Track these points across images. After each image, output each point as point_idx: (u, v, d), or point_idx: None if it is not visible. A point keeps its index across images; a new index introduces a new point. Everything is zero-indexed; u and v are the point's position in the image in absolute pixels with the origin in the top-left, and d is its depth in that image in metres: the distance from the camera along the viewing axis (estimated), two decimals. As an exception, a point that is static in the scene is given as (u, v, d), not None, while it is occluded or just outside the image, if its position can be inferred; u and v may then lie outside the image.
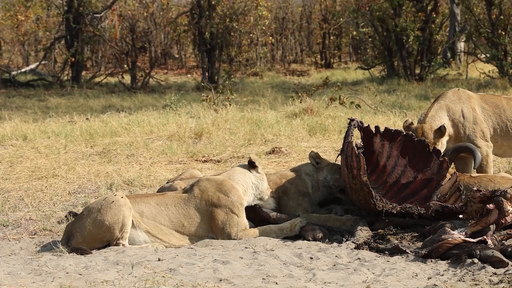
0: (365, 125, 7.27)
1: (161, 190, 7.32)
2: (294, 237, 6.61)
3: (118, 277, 5.47)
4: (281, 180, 7.18)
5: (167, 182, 7.65)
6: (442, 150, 7.55)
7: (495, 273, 5.53)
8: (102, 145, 11.04)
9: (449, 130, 7.83)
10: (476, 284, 5.33)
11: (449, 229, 6.04)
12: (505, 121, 8.05)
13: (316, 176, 7.24)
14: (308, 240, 6.49)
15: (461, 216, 6.51)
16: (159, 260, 5.92)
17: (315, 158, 7.29)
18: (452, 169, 7.41)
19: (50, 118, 13.97)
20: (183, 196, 6.65)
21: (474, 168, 7.75)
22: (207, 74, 22.66)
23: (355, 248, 6.26)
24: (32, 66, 24.68)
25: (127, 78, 23.09)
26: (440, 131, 7.54)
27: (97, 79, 23.35)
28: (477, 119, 7.92)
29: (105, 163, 9.94)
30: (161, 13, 26.23)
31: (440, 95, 8.11)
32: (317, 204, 7.26)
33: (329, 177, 7.22)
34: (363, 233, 6.49)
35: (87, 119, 13.62)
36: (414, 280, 5.46)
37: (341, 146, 6.96)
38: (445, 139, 7.69)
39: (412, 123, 7.70)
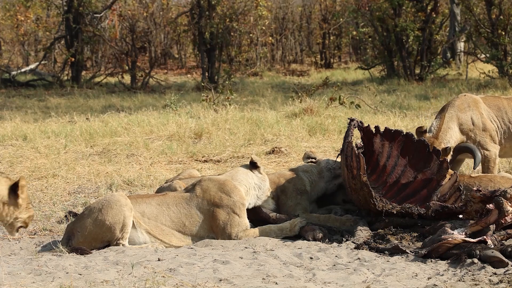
0: (365, 125, 7.27)
1: (160, 190, 7.32)
2: (294, 237, 6.61)
3: (118, 277, 5.47)
4: (279, 179, 7.19)
5: (165, 182, 7.65)
6: None
7: (495, 273, 5.53)
8: (102, 145, 11.04)
9: (458, 140, 7.87)
10: (476, 284, 5.33)
11: (449, 229, 6.04)
12: (507, 123, 8.10)
13: (316, 169, 7.27)
14: (308, 240, 6.50)
15: (461, 216, 6.52)
16: (159, 260, 5.92)
17: (309, 157, 7.37)
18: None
19: (50, 118, 13.97)
20: (185, 196, 6.65)
21: (474, 169, 7.77)
22: (207, 74, 22.66)
23: (355, 248, 6.26)
24: (32, 66, 24.68)
25: (127, 78, 23.09)
26: (445, 151, 7.55)
27: (97, 79, 23.36)
28: (486, 125, 7.97)
29: (105, 163, 9.94)
30: (161, 13, 26.24)
31: (449, 103, 8.13)
32: (316, 203, 7.26)
33: (330, 161, 7.34)
34: (363, 233, 6.49)
35: (87, 119, 13.62)
36: (414, 280, 5.46)
37: (341, 146, 6.96)
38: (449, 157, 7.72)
39: (425, 131, 7.71)
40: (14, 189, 4.95)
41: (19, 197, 5.00)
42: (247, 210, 6.75)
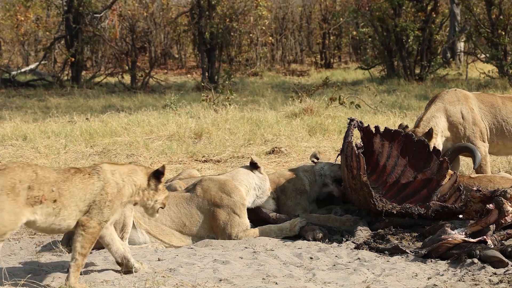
0: (365, 125, 7.27)
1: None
2: (294, 237, 6.61)
3: (118, 277, 5.48)
4: (279, 179, 7.20)
5: (165, 182, 7.63)
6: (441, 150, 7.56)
7: (495, 273, 5.53)
8: (102, 145, 11.04)
9: (446, 132, 7.85)
10: (476, 284, 5.33)
11: (449, 229, 6.04)
12: (500, 121, 8.08)
13: (314, 169, 7.27)
14: (308, 240, 6.50)
15: (461, 216, 6.52)
16: (159, 260, 5.92)
17: (315, 155, 7.37)
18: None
19: (50, 118, 13.97)
20: (185, 196, 6.66)
21: (474, 169, 7.77)
22: (207, 74, 22.67)
23: (355, 248, 6.26)
24: (32, 66, 24.68)
25: (127, 78, 23.10)
26: (428, 134, 7.55)
27: (97, 79, 23.36)
28: (476, 120, 7.94)
29: (105, 163, 9.93)
30: (161, 13, 26.25)
31: (437, 96, 8.11)
32: (315, 203, 7.26)
33: (326, 167, 7.31)
34: (363, 233, 6.49)
35: (87, 119, 13.62)
36: (414, 280, 5.46)
37: (341, 146, 6.96)
38: (438, 141, 7.69)
39: (407, 126, 7.70)
40: (157, 175, 5.64)
41: (161, 183, 5.66)
42: (247, 210, 6.76)
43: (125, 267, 5.55)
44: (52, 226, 5.13)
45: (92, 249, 6.29)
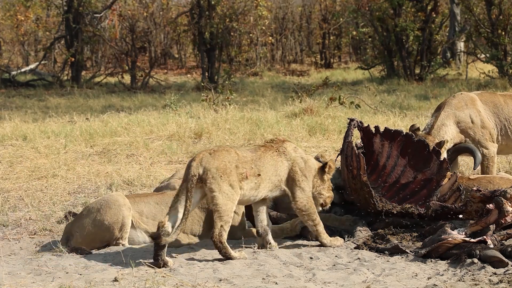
0: (365, 125, 7.27)
1: (157, 190, 7.29)
2: (294, 237, 6.61)
3: (118, 276, 5.47)
4: None
5: (161, 183, 7.60)
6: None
7: (495, 273, 5.53)
8: (102, 145, 11.04)
9: (456, 139, 7.87)
10: (476, 284, 5.33)
11: (449, 229, 6.04)
12: (503, 120, 8.10)
13: None
14: (310, 240, 6.48)
15: (461, 216, 6.52)
16: (159, 260, 5.92)
17: (317, 158, 7.37)
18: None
19: (50, 118, 13.96)
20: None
21: (474, 169, 7.77)
22: (207, 74, 22.67)
23: (355, 248, 6.26)
24: (32, 66, 24.68)
25: (127, 78, 23.09)
26: (439, 145, 7.56)
27: (97, 79, 23.36)
28: (484, 122, 7.97)
29: (105, 163, 9.94)
30: (161, 13, 26.24)
31: (445, 102, 8.12)
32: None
33: None
34: (362, 233, 6.49)
35: (87, 119, 13.62)
36: (414, 280, 5.46)
37: (341, 146, 6.96)
38: (444, 152, 7.71)
39: (418, 129, 7.71)
40: (323, 167, 6.28)
41: (326, 173, 6.29)
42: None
43: (262, 240, 6.18)
44: (251, 198, 6.04)
45: (92, 250, 6.30)
